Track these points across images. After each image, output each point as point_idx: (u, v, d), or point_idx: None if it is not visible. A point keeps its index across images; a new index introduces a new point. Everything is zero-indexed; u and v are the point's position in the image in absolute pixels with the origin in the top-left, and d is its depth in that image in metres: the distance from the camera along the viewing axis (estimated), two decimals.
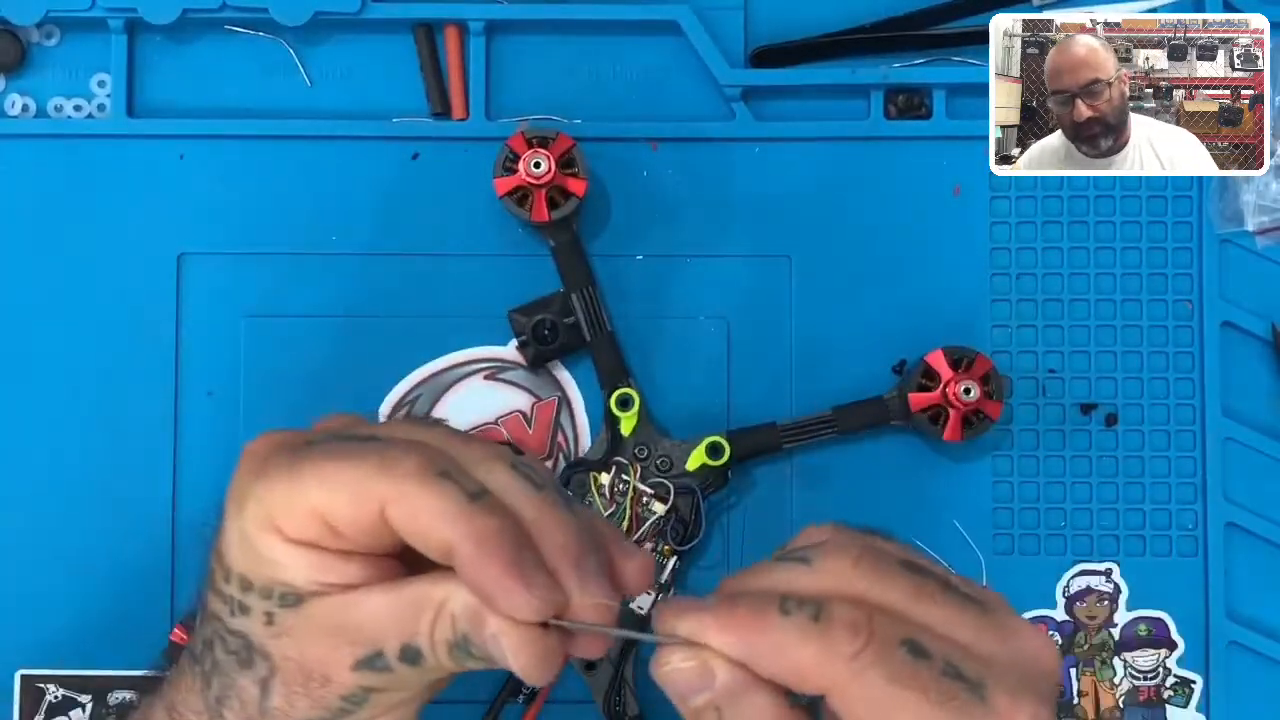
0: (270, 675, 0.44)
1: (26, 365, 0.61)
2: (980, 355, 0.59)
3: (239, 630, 0.44)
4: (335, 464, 0.42)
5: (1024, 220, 0.62)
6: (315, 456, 0.42)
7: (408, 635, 0.43)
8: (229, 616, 0.44)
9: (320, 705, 0.44)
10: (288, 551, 0.43)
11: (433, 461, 0.41)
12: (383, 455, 0.42)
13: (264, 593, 0.43)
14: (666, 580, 0.59)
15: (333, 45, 0.63)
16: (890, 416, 0.59)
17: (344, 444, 0.43)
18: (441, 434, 0.43)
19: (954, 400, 0.58)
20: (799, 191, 0.62)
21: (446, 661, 0.43)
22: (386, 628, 0.43)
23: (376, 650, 0.43)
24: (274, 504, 0.42)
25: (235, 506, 0.43)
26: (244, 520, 0.43)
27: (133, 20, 0.61)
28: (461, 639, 0.42)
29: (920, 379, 0.59)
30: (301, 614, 0.43)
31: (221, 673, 0.45)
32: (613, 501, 0.59)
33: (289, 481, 0.42)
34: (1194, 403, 0.62)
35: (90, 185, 0.62)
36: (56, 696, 0.60)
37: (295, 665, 0.44)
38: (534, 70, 0.63)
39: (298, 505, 0.42)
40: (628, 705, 0.59)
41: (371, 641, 0.43)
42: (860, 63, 0.62)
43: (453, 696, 0.60)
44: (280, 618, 0.43)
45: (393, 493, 0.41)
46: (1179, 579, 0.61)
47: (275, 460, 0.43)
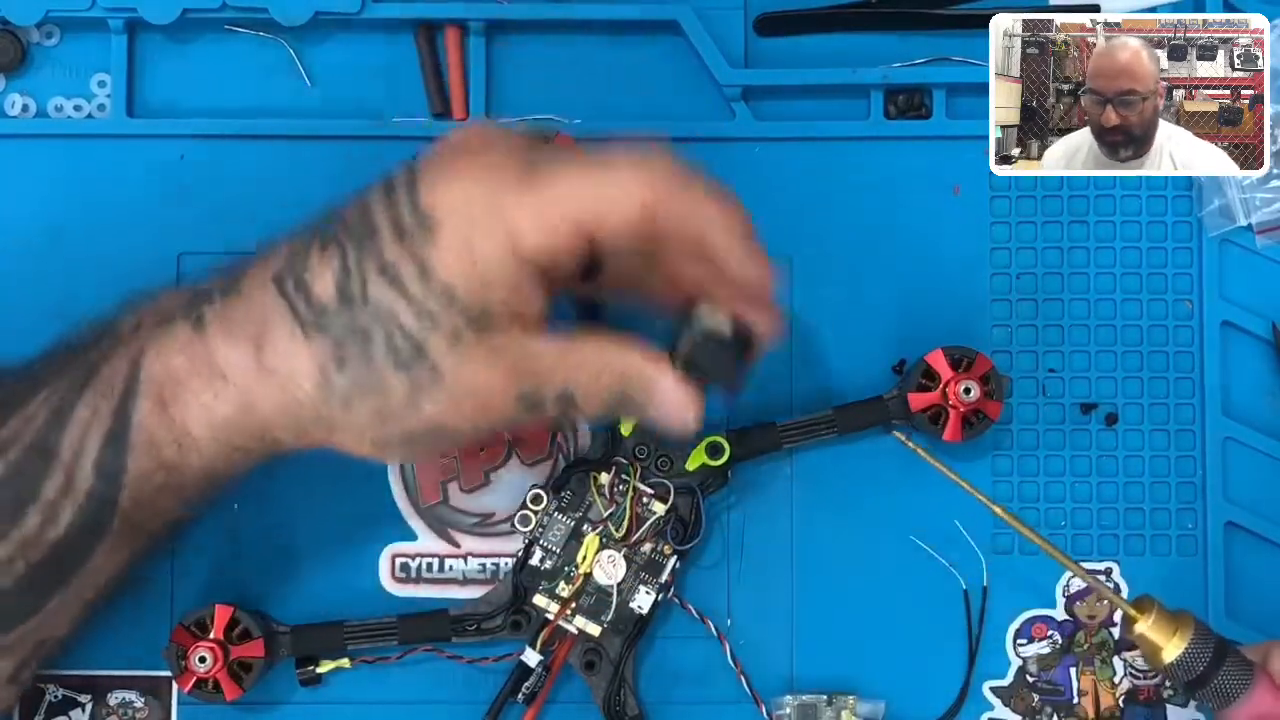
0: (430, 385, 0.46)
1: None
2: (980, 355, 0.59)
3: (415, 335, 0.45)
4: (595, 173, 0.46)
5: (1024, 220, 0.62)
6: (569, 169, 0.46)
7: (571, 382, 0.48)
8: (413, 320, 0.45)
9: (460, 421, 0.47)
10: (519, 269, 0.45)
11: (677, 161, 0.47)
12: (638, 163, 0.46)
13: (466, 309, 0.45)
14: (666, 580, 0.59)
15: (333, 45, 0.63)
16: (890, 416, 0.59)
17: (579, 158, 0.46)
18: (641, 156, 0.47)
19: (954, 400, 0.58)
20: (799, 191, 0.62)
21: (593, 410, 0.49)
22: (557, 371, 0.47)
23: (540, 388, 0.47)
24: (524, 218, 0.45)
25: (463, 218, 0.45)
26: (477, 233, 0.45)
27: (133, 20, 0.61)
28: (620, 395, 0.49)
29: (920, 379, 0.59)
30: (485, 339, 0.46)
31: (369, 361, 0.46)
32: (613, 501, 0.59)
33: (547, 193, 0.45)
34: (1194, 402, 0.62)
35: (90, 185, 0.62)
36: (56, 696, 0.60)
37: (464, 385, 0.46)
38: (534, 70, 0.63)
39: (557, 217, 0.45)
40: (628, 705, 0.59)
41: (540, 380, 0.47)
42: (861, 53, 0.63)
43: (453, 697, 0.60)
44: (466, 337, 0.46)
45: (663, 192, 0.46)
46: (1179, 579, 0.61)
47: (517, 173, 0.45)
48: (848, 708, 0.60)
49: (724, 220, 0.48)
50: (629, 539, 0.59)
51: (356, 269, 0.46)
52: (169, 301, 0.50)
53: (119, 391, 0.49)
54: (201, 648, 0.57)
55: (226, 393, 0.48)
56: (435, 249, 0.45)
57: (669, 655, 0.61)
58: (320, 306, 0.46)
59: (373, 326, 0.46)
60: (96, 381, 0.49)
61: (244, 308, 0.48)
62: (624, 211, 0.46)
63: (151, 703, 0.60)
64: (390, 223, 0.46)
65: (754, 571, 0.61)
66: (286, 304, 0.47)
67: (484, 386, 0.47)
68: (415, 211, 0.46)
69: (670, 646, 0.61)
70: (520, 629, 0.59)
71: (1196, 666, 0.52)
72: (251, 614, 0.58)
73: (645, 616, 0.59)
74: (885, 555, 0.61)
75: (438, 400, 0.46)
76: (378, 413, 0.47)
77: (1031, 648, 0.61)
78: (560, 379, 0.48)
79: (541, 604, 0.59)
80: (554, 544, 0.59)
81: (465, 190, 0.45)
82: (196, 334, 0.48)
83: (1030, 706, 0.61)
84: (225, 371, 0.47)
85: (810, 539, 0.61)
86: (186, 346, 0.48)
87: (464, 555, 0.61)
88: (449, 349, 0.46)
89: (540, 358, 0.47)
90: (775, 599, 0.61)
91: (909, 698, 0.60)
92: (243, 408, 0.48)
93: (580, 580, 0.59)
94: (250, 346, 0.47)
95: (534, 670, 0.59)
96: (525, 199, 0.45)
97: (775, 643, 0.61)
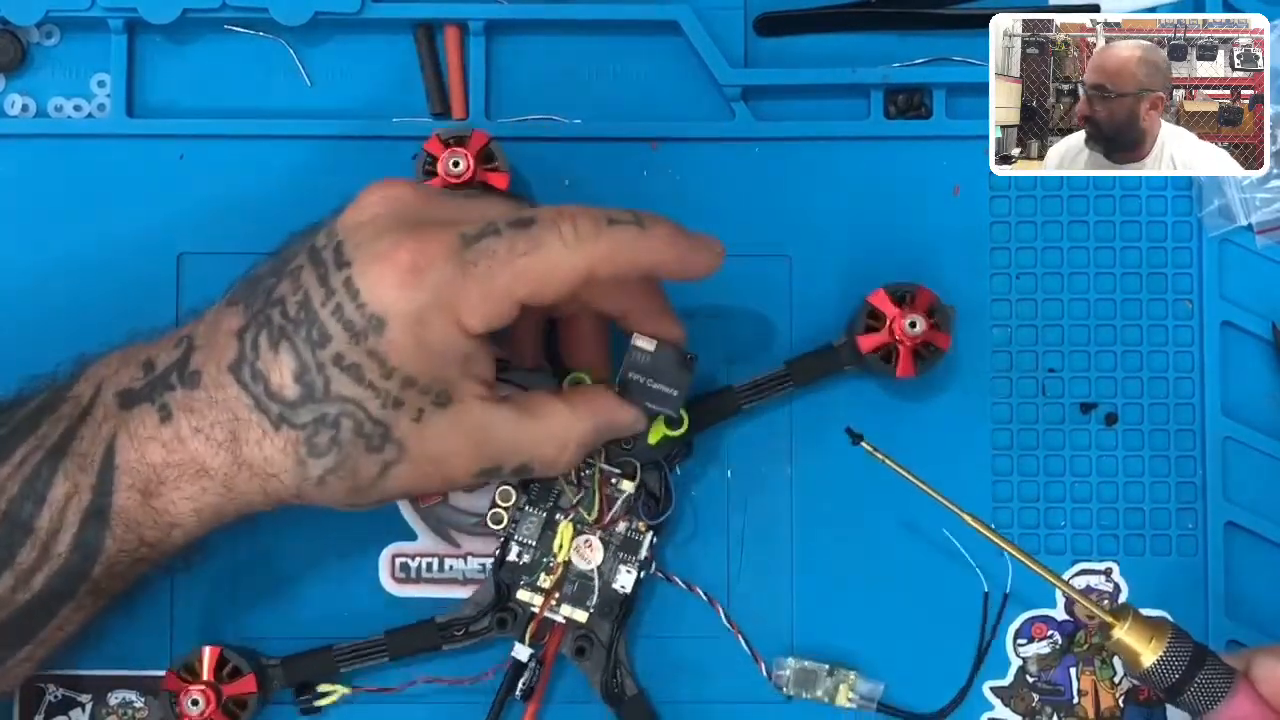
0: (396, 461, 0.50)
1: (26, 365, 0.61)
2: (921, 288, 0.58)
3: (382, 420, 0.49)
4: (532, 257, 0.49)
5: (1024, 220, 0.62)
6: (506, 256, 0.48)
7: (529, 457, 0.52)
8: (378, 408, 0.49)
9: (426, 484, 0.52)
10: (468, 342, 0.49)
11: (598, 218, 0.50)
12: (570, 237, 0.49)
13: (425, 389, 0.49)
14: (646, 557, 0.59)
15: (333, 45, 0.63)
16: (843, 363, 0.59)
17: (514, 232, 0.49)
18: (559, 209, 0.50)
19: (901, 336, 0.58)
20: (799, 191, 0.62)
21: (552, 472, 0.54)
22: (517, 447, 0.52)
23: (499, 464, 0.52)
24: (468, 309, 0.48)
25: (412, 319, 0.48)
26: (428, 330, 0.48)
27: (133, 20, 0.61)
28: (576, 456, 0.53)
29: (867, 320, 0.59)
30: (448, 414, 0.50)
31: (339, 447, 0.49)
32: (580, 486, 0.59)
33: (488, 284, 0.48)
34: (1194, 402, 0.62)
35: (90, 185, 0.62)
36: (56, 696, 0.60)
37: (428, 455, 0.50)
38: (534, 70, 0.63)
39: (500, 300, 0.49)
40: (626, 686, 0.59)
41: (499, 458, 0.51)
42: (861, 53, 0.62)
43: (453, 698, 0.60)
44: (429, 415, 0.49)
45: (597, 258, 0.49)
46: (1179, 579, 0.61)
47: (455, 266, 0.48)
48: (847, 682, 0.60)
49: (651, 257, 0.51)
50: (602, 521, 0.59)
51: (315, 366, 0.49)
52: (124, 372, 0.52)
53: (96, 470, 0.51)
54: (193, 691, 0.57)
55: (209, 485, 0.50)
56: (389, 345, 0.48)
57: (665, 632, 0.61)
58: (282, 398, 0.49)
59: (340, 416, 0.49)
60: (71, 456, 0.51)
61: (207, 399, 0.50)
62: (561, 284, 0.50)
63: (151, 703, 0.60)
64: (340, 324, 0.48)
65: (755, 550, 0.61)
66: (250, 397, 0.49)
67: (448, 453, 0.51)
68: (363, 313, 0.48)
69: (665, 624, 0.61)
70: (507, 626, 0.59)
71: (1173, 672, 0.52)
72: (239, 650, 0.58)
73: (630, 596, 0.59)
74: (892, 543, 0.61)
75: (404, 472, 0.50)
76: (351, 488, 0.50)
77: (1031, 648, 0.61)
78: (517, 457, 0.52)
79: (525, 598, 0.59)
80: (529, 537, 0.59)
81: (409, 295, 0.48)
82: (165, 425, 0.50)
83: (1030, 706, 0.61)
84: (206, 468, 0.50)
85: (810, 532, 0.61)
86: (159, 438, 0.50)
87: (464, 555, 0.61)
88: (412, 427, 0.49)
89: (498, 431, 0.51)
90: (776, 577, 0.61)
91: (908, 685, 0.60)
92: (224, 496, 0.51)
93: (560, 569, 0.59)
94: (226, 446, 0.50)
95: (527, 665, 0.59)
96: (469, 291, 0.48)
97: (776, 615, 0.61)
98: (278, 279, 0.50)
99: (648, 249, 0.51)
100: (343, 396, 0.49)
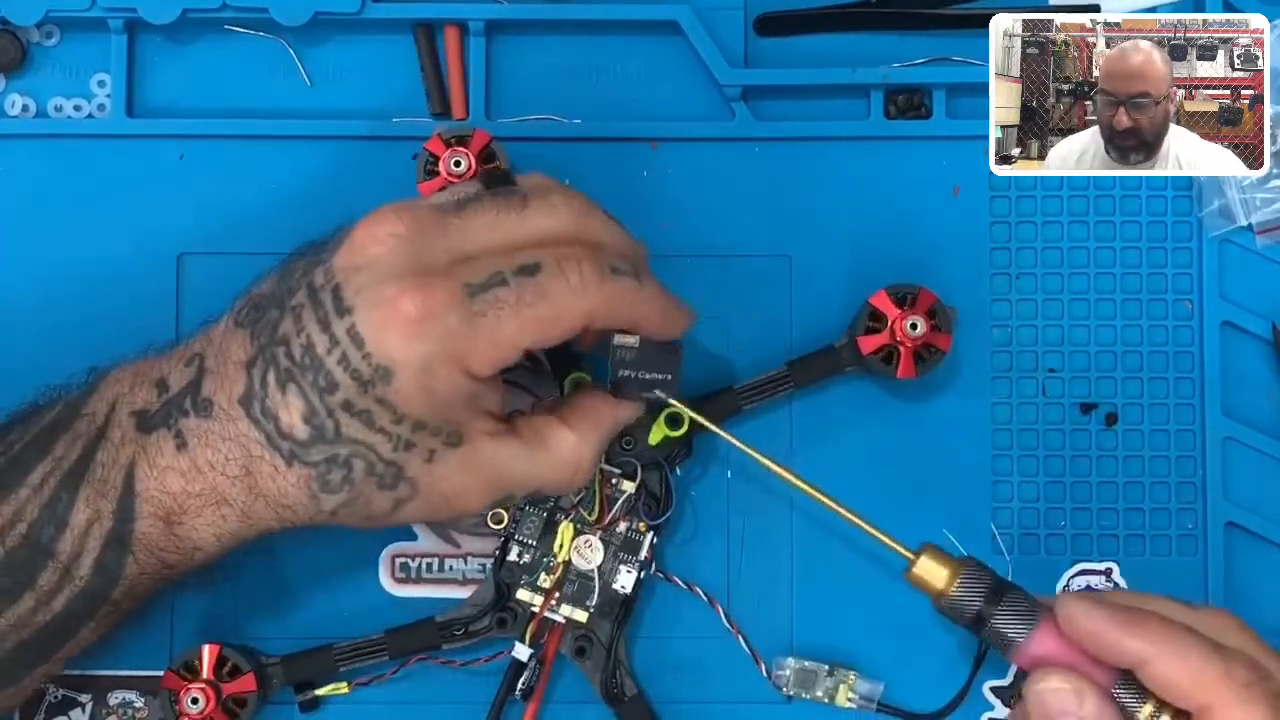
0: (409, 498, 0.51)
1: (26, 365, 0.61)
2: (923, 289, 0.58)
3: (394, 460, 0.50)
4: (537, 309, 0.49)
5: (1024, 220, 0.62)
6: (512, 307, 0.49)
7: (541, 483, 0.53)
8: (390, 451, 0.49)
9: (437, 516, 0.56)
10: (476, 384, 0.49)
11: (602, 267, 0.50)
12: (574, 288, 0.49)
13: (436, 431, 0.50)
14: (646, 557, 0.59)
15: (333, 45, 0.63)
16: (844, 364, 0.59)
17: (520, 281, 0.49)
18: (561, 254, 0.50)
19: (902, 338, 0.58)
20: (799, 191, 0.62)
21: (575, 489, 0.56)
22: (528, 478, 0.52)
23: (511, 494, 0.53)
24: (474, 358, 0.49)
25: (418, 369, 0.48)
26: (435, 379, 0.48)
27: (133, 20, 0.61)
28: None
29: (868, 322, 0.59)
30: (459, 453, 0.50)
31: (351, 484, 0.50)
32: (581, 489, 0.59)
33: (495, 335, 0.49)
34: (1194, 402, 0.62)
35: (90, 185, 0.62)
36: (56, 696, 0.61)
37: (440, 495, 0.51)
38: (534, 70, 0.63)
39: (506, 349, 0.49)
40: (625, 686, 0.59)
41: (512, 490, 0.52)
42: (861, 53, 0.62)
43: (453, 697, 0.60)
44: (440, 455, 0.50)
45: (600, 305, 0.50)
46: (1179, 579, 0.61)
47: (461, 316, 0.48)
48: (847, 682, 0.60)
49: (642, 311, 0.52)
50: (602, 521, 0.59)
51: (325, 411, 0.49)
52: (138, 391, 0.52)
53: (117, 497, 0.51)
54: (193, 690, 0.57)
55: (229, 513, 0.51)
56: (397, 393, 0.49)
57: (664, 632, 0.61)
58: (293, 438, 0.49)
59: (352, 458, 0.50)
60: (90, 482, 0.51)
61: (220, 431, 0.50)
62: (565, 330, 0.50)
63: (151, 703, 0.60)
64: (347, 373, 0.48)
65: (754, 551, 0.61)
66: (261, 433, 0.50)
67: (460, 490, 0.51)
68: (369, 362, 0.48)
69: (665, 624, 0.61)
70: (507, 626, 0.59)
71: (970, 606, 0.51)
72: (239, 649, 0.58)
73: (630, 596, 0.59)
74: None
75: (417, 507, 0.51)
76: (365, 519, 0.51)
77: None
78: (529, 486, 0.53)
79: (525, 598, 0.59)
80: (529, 537, 0.59)
81: (416, 346, 0.48)
82: (182, 453, 0.51)
83: None
84: (225, 498, 0.51)
85: (810, 533, 0.61)
86: (176, 467, 0.51)
87: (464, 555, 0.61)
88: (424, 467, 0.50)
89: (509, 467, 0.52)
90: (776, 577, 0.61)
91: (908, 685, 0.60)
92: (244, 523, 0.52)
93: (560, 569, 0.59)
94: (242, 479, 0.50)
95: (527, 665, 0.59)
96: (476, 341, 0.49)
97: (776, 615, 0.61)
98: (281, 312, 0.50)
99: (642, 304, 0.52)
100: (354, 439, 0.49)
